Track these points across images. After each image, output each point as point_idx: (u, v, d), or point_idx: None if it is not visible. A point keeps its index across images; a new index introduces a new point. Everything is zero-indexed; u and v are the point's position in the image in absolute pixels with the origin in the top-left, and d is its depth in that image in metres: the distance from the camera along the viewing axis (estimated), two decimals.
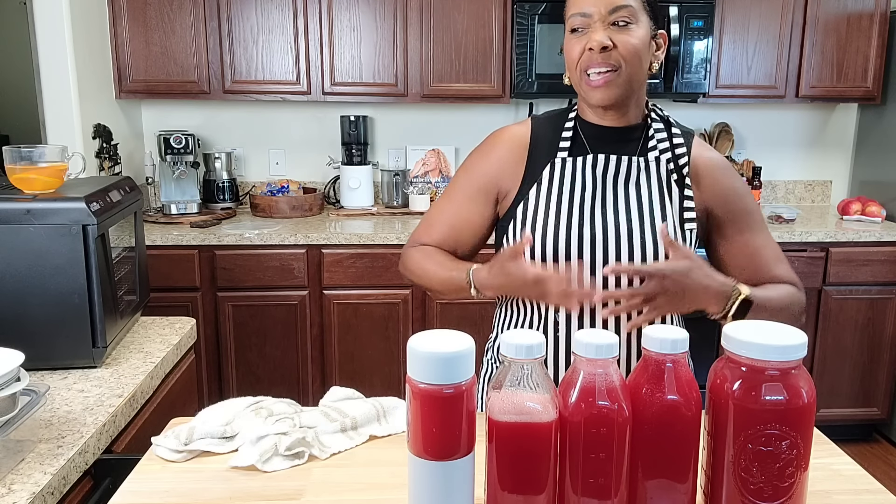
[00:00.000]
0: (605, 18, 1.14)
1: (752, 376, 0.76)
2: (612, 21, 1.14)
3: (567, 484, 0.79)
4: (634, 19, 1.15)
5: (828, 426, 1.56)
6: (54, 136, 2.69)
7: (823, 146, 3.61)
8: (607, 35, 1.14)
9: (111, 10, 2.92)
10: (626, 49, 1.14)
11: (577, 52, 1.17)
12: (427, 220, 1.35)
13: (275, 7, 2.97)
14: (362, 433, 1.08)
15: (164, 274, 2.75)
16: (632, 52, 1.15)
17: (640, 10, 1.15)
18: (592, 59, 1.15)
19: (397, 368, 2.94)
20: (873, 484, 0.95)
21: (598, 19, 1.14)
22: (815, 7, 3.10)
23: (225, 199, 3.24)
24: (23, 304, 1.34)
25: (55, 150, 1.42)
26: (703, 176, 1.24)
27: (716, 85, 3.14)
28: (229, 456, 1.01)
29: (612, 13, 1.14)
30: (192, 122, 3.35)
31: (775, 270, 1.24)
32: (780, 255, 1.27)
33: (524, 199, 1.24)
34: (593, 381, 0.77)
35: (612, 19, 1.14)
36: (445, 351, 0.74)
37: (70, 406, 1.23)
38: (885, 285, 3.04)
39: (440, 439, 0.75)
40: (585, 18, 1.15)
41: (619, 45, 1.14)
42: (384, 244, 2.82)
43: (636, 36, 1.15)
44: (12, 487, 0.97)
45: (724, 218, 1.24)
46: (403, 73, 3.05)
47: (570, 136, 1.25)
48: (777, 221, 3.11)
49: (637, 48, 1.15)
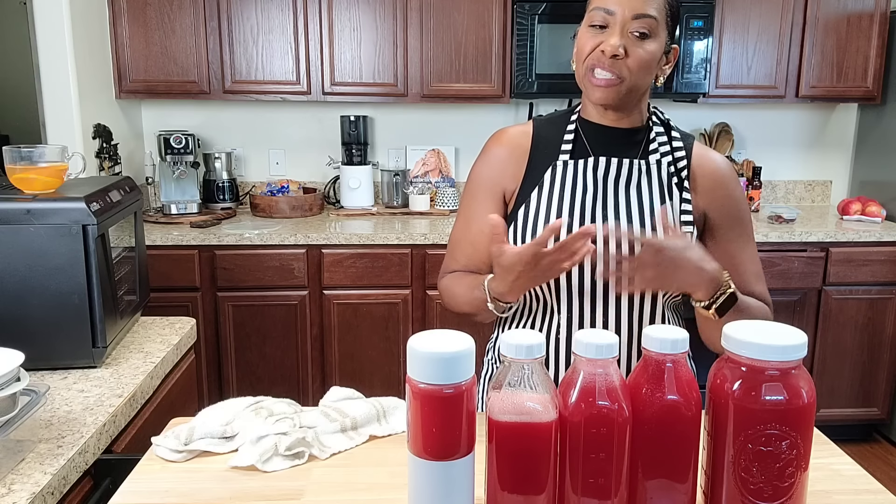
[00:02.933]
0: (627, 23, 1.13)
1: (752, 376, 0.76)
2: (632, 28, 1.13)
3: (567, 484, 0.79)
4: (653, 32, 1.14)
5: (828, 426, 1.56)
6: (54, 136, 2.69)
7: (823, 146, 3.61)
8: (622, 43, 1.13)
9: (111, 10, 2.92)
10: (635, 62, 1.13)
11: (589, 48, 1.16)
12: (450, 247, 1.35)
13: (275, 7, 2.97)
14: (362, 433, 1.08)
15: (164, 274, 2.75)
16: (641, 66, 1.14)
17: (661, 25, 1.14)
18: (601, 60, 1.14)
19: (397, 368, 2.94)
20: (873, 484, 0.95)
21: (619, 20, 1.13)
22: (815, 7, 3.10)
23: (225, 199, 3.24)
24: (23, 304, 1.34)
25: (55, 150, 1.42)
26: (704, 178, 1.24)
27: (716, 85, 3.14)
28: (229, 456, 1.01)
29: (634, 19, 1.12)
30: (192, 122, 3.35)
31: (753, 287, 1.24)
32: (760, 273, 1.27)
33: (525, 200, 1.24)
34: (593, 381, 0.77)
35: (633, 27, 1.13)
36: (445, 351, 0.74)
37: (70, 406, 1.23)
38: (885, 285, 3.04)
39: (440, 439, 0.75)
40: (608, 16, 1.14)
41: (631, 56, 1.13)
42: (384, 244, 2.82)
43: (649, 50, 1.14)
44: (12, 487, 0.97)
45: (717, 221, 1.24)
46: (403, 73, 3.05)
47: (572, 139, 1.25)
48: (777, 221, 3.11)
49: (647, 63, 1.14)
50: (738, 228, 1.25)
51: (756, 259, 1.27)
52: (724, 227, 1.24)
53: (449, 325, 2.88)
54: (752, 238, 1.28)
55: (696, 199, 1.23)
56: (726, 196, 1.24)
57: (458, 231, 1.33)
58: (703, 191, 1.24)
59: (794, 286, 3.00)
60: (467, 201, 1.31)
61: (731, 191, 1.25)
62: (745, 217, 1.26)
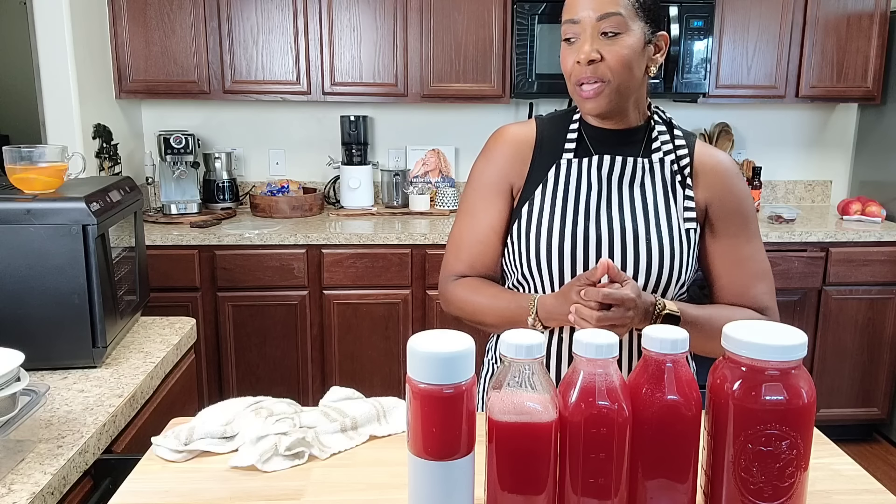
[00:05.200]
0: (595, 27, 1.12)
1: (752, 376, 0.76)
2: (601, 30, 1.12)
3: (567, 484, 0.79)
4: (624, 28, 1.12)
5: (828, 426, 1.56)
6: (54, 136, 2.69)
7: (823, 146, 3.61)
8: (595, 47, 1.12)
9: (111, 10, 2.92)
10: (614, 61, 1.13)
11: (569, 64, 1.16)
12: (453, 245, 1.30)
13: (275, 7, 2.97)
14: (362, 433, 1.08)
15: (164, 274, 2.75)
16: (620, 64, 1.13)
17: (631, 17, 1.13)
18: (582, 72, 1.14)
19: (397, 368, 2.94)
20: (873, 484, 0.95)
21: (587, 26, 1.13)
22: (815, 7, 3.10)
23: (225, 199, 3.24)
24: (23, 304, 1.34)
25: (55, 150, 1.42)
26: (706, 174, 1.23)
27: (716, 85, 3.14)
28: (229, 456, 1.01)
29: (600, 20, 1.12)
30: (192, 122, 3.35)
31: (754, 286, 1.22)
32: (765, 272, 1.23)
33: (529, 199, 1.23)
34: (593, 381, 0.77)
35: (601, 28, 1.12)
36: (445, 351, 0.74)
37: (70, 406, 1.23)
38: (885, 285, 3.04)
39: (440, 439, 0.75)
40: (575, 26, 1.14)
41: (607, 56, 1.13)
42: (384, 244, 2.82)
43: (626, 45, 1.13)
44: (12, 487, 0.97)
45: (717, 215, 1.22)
46: (403, 73, 3.05)
47: (575, 138, 1.24)
48: (777, 221, 3.11)
49: (626, 59, 1.13)
50: (739, 223, 1.23)
51: (760, 258, 1.24)
52: (724, 221, 1.22)
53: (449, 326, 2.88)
54: (757, 236, 1.25)
55: (698, 194, 1.23)
56: (727, 190, 1.23)
57: (462, 230, 1.29)
58: (704, 185, 1.23)
59: (794, 286, 3.00)
60: (472, 199, 1.28)
61: (732, 185, 1.23)
62: (747, 213, 1.24)
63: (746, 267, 1.22)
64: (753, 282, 1.22)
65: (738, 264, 1.22)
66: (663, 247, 1.18)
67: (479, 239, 1.27)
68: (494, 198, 1.26)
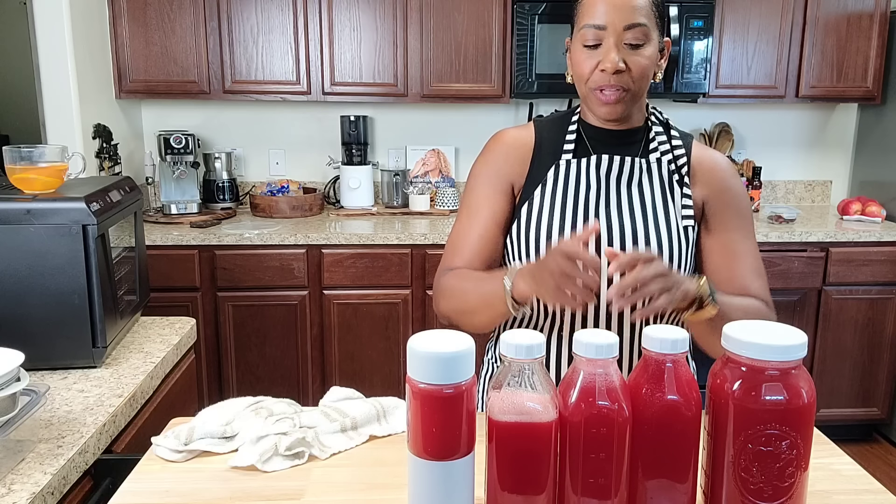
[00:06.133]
0: (620, 35, 1.12)
1: (752, 376, 0.76)
2: (626, 40, 1.12)
3: (567, 484, 0.79)
4: (647, 38, 1.13)
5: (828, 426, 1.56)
6: (54, 136, 2.69)
7: (823, 146, 3.61)
8: (621, 56, 1.12)
9: (111, 10, 2.92)
10: (638, 72, 1.14)
11: (588, 69, 1.15)
12: (452, 244, 1.29)
13: (275, 7, 2.97)
14: (362, 433, 1.08)
15: (164, 274, 2.75)
16: (643, 73, 1.15)
17: (652, 28, 1.14)
18: (605, 79, 1.14)
19: (397, 368, 2.94)
20: (873, 484, 0.95)
21: (611, 33, 1.12)
22: (815, 7, 3.10)
23: (225, 199, 3.24)
24: (23, 304, 1.34)
25: (55, 150, 1.42)
26: (703, 172, 1.24)
27: (716, 85, 3.14)
28: (229, 456, 1.01)
29: (626, 30, 1.12)
30: (192, 122, 3.35)
31: (749, 283, 1.21)
32: (759, 269, 1.24)
33: (529, 198, 1.24)
34: (593, 381, 0.77)
35: (626, 38, 1.12)
36: (445, 351, 0.74)
37: (70, 406, 1.23)
38: (885, 285, 3.04)
39: (440, 439, 0.75)
40: (599, 32, 1.13)
41: (632, 67, 1.13)
42: (384, 244, 2.82)
43: (646, 56, 1.14)
44: (12, 487, 0.97)
45: (713, 210, 1.23)
46: (403, 73, 3.05)
47: (574, 139, 1.25)
48: (777, 221, 3.11)
49: (647, 69, 1.15)
50: (735, 219, 1.23)
51: (755, 255, 1.24)
52: (720, 217, 1.23)
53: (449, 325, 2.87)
54: (752, 234, 1.26)
55: (695, 192, 1.23)
56: (723, 187, 1.24)
57: (462, 228, 1.28)
58: (701, 182, 1.24)
59: (794, 286, 3.00)
60: (472, 197, 1.28)
61: (728, 182, 1.25)
62: (742, 210, 1.25)
63: (743, 263, 1.23)
64: (750, 278, 1.23)
65: (736, 259, 1.23)
66: (662, 245, 1.18)
67: (479, 233, 1.26)
68: (495, 195, 1.26)
